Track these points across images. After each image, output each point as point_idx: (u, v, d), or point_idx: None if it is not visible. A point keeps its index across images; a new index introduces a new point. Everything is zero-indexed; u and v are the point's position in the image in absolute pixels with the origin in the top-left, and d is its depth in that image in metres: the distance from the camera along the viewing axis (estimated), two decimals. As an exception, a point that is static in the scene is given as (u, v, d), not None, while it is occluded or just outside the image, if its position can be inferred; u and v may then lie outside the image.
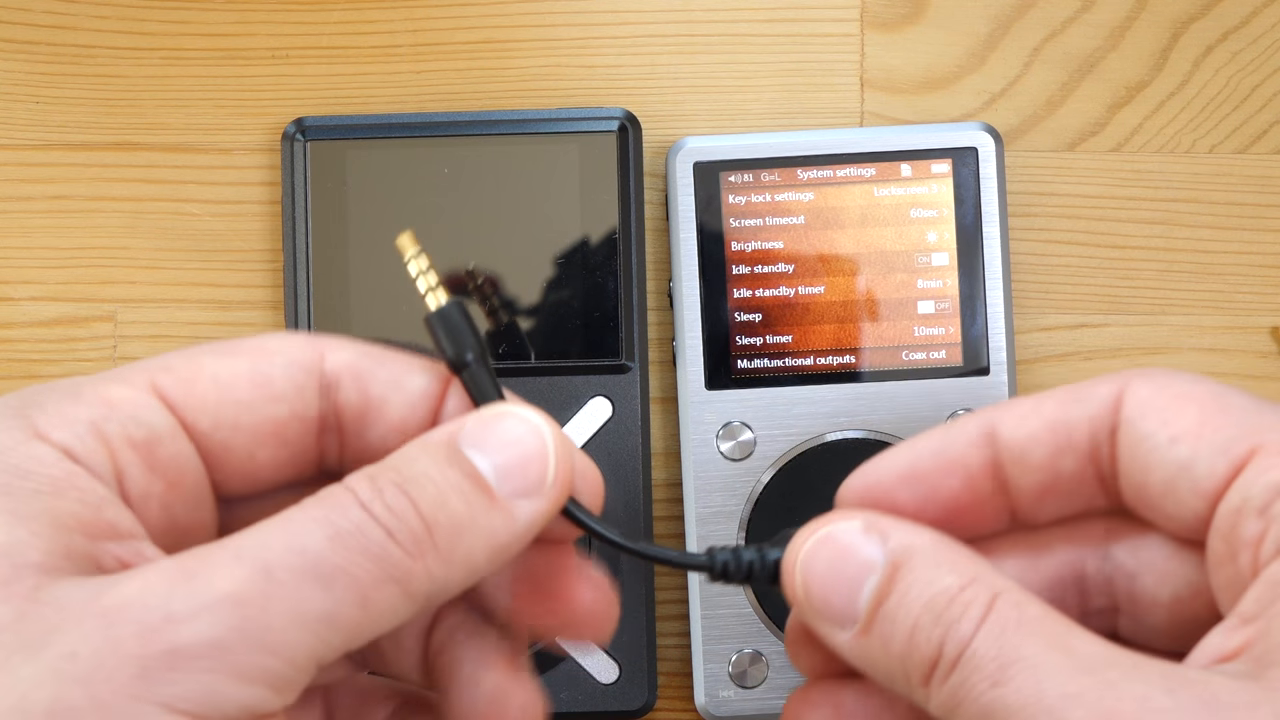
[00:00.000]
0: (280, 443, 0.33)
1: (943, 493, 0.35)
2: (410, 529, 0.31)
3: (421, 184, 0.57)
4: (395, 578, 0.31)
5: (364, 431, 0.34)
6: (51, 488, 0.30)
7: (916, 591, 0.32)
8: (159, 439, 0.32)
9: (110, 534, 0.31)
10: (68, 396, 0.32)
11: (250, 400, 0.33)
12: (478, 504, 0.32)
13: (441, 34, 0.59)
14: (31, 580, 0.29)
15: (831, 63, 0.59)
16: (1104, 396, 0.34)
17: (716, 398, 0.56)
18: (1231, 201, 0.58)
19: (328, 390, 0.34)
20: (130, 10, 0.58)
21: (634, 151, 0.57)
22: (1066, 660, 0.30)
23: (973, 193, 0.56)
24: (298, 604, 0.29)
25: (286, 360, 0.33)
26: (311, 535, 0.30)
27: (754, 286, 0.56)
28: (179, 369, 0.33)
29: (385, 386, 0.34)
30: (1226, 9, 0.58)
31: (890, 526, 0.33)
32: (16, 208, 0.58)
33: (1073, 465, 0.34)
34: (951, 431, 0.35)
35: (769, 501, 0.56)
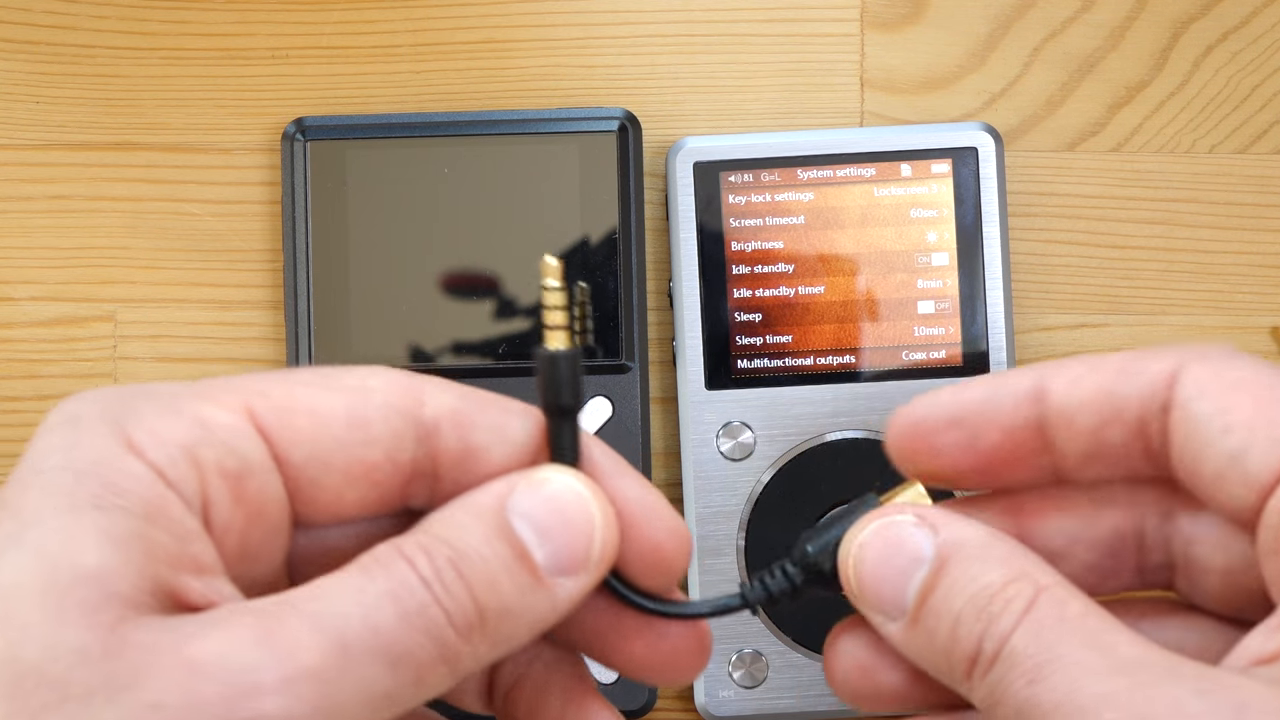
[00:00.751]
0: (370, 485, 0.33)
1: (984, 443, 0.34)
2: (465, 613, 0.31)
3: (421, 184, 0.57)
4: (447, 659, 0.31)
5: (460, 478, 0.33)
6: (144, 511, 0.30)
7: (961, 586, 0.32)
8: (250, 471, 0.32)
9: (193, 568, 0.30)
10: (165, 411, 0.31)
11: (346, 440, 0.32)
12: (525, 585, 0.32)
13: (441, 34, 0.59)
14: (117, 612, 0.29)
15: (831, 63, 0.59)
16: (1158, 373, 0.33)
17: (716, 398, 0.56)
18: (1231, 201, 0.58)
19: (426, 438, 0.33)
20: (130, 10, 0.58)
21: (634, 151, 0.57)
22: (1102, 660, 0.30)
23: (973, 193, 0.56)
24: (367, 684, 0.30)
25: (384, 403, 0.33)
26: (384, 613, 0.30)
27: (754, 286, 0.56)
28: (276, 396, 0.32)
29: (488, 434, 0.33)
30: (1226, 9, 0.58)
31: (942, 520, 0.33)
32: (16, 208, 0.58)
33: (1119, 436, 0.34)
34: (1002, 383, 0.35)
35: (769, 501, 0.56)
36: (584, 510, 0.33)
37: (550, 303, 0.34)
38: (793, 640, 0.55)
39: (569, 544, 0.32)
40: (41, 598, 0.29)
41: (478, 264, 0.56)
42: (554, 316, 0.34)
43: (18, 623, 0.29)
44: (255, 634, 0.29)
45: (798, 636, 0.55)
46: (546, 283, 0.34)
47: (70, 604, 0.29)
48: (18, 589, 0.29)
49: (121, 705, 0.28)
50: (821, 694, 0.55)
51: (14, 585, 0.29)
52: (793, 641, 0.55)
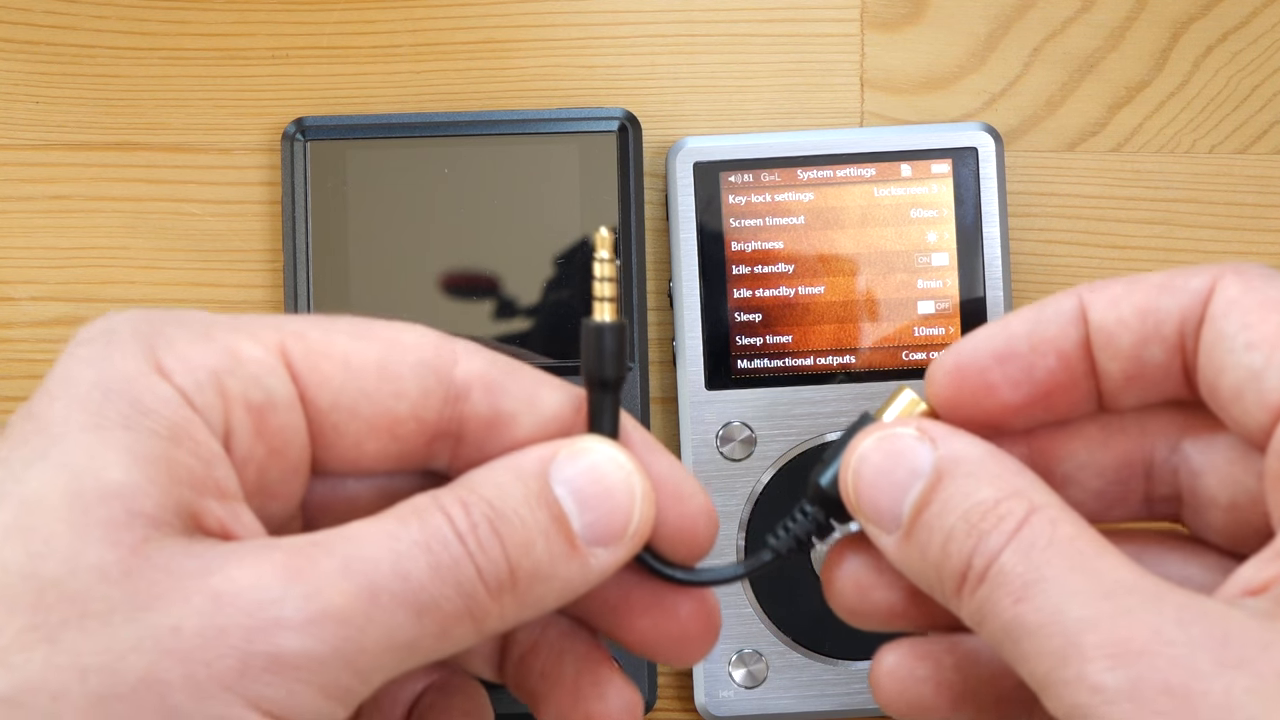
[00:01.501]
0: (392, 438, 0.33)
1: (1038, 372, 0.34)
2: (497, 572, 0.31)
3: (421, 184, 0.57)
4: (474, 615, 0.31)
5: (485, 444, 0.33)
6: (170, 433, 0.30)
7: (955, 502, 0.32)
8: (275, 406, 0.32)
9: (216, 492, 0.30)
10: (196, 338, 0.31)
11: (374, 391, 0.32)
12: (559, 552, 0.32)
13: (441, 34, 0.59)
14: (141, 531, 0.29)
15: (831, 63, 0.59)
16: (1196, 289, 0.33)
17: (716, 398, 0.56)
18: (1231, 201, 0.58)
19: (455, 400, 0.33)
20: (130, 10, 0.58)
21: (634, 151, 0.57)
22: (1088, 583, 0.30)
23: (973, 193, 0.56)
24: (392, 631, 0.30)
25: (418, 358, 0.33)
26: (416, 562, 0.30)
27: (754, 286, 0.56)
28: (311, 339, 0.32)
29: (518, 403, 0.33)
30: (1226, 9, 0.58)
31: (942, 435, 0.33)
32: (17, 208, 0.58)
33: (1160, 355, 0.33)
34: (1045, 310, 0.34)
35: (769, 501, 0.56)
36: (625, 483, 0.33)
37: (600, 274, 0.33)
38: (793, 640, 0.55)
39: (608, 515, 0.32)
40: (66, 512, 0.29)
41: (478, 264, 0.56)
42: (603, 288, 0.34)
43: (41, 536, 0.29)
44: (283, 570, 0.29)
45: (798, 636, 0.55)
46: (599, 254, 0.34)
47: (94, 520, 0.29)
48: (41, 502, 0.29)
49: (140, 625, 0.28)
50: (821, 694, 0.55)
51: (38, 499, 0.29)
52: (793, 641, 0.55)
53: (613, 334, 0.33)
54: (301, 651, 0.29)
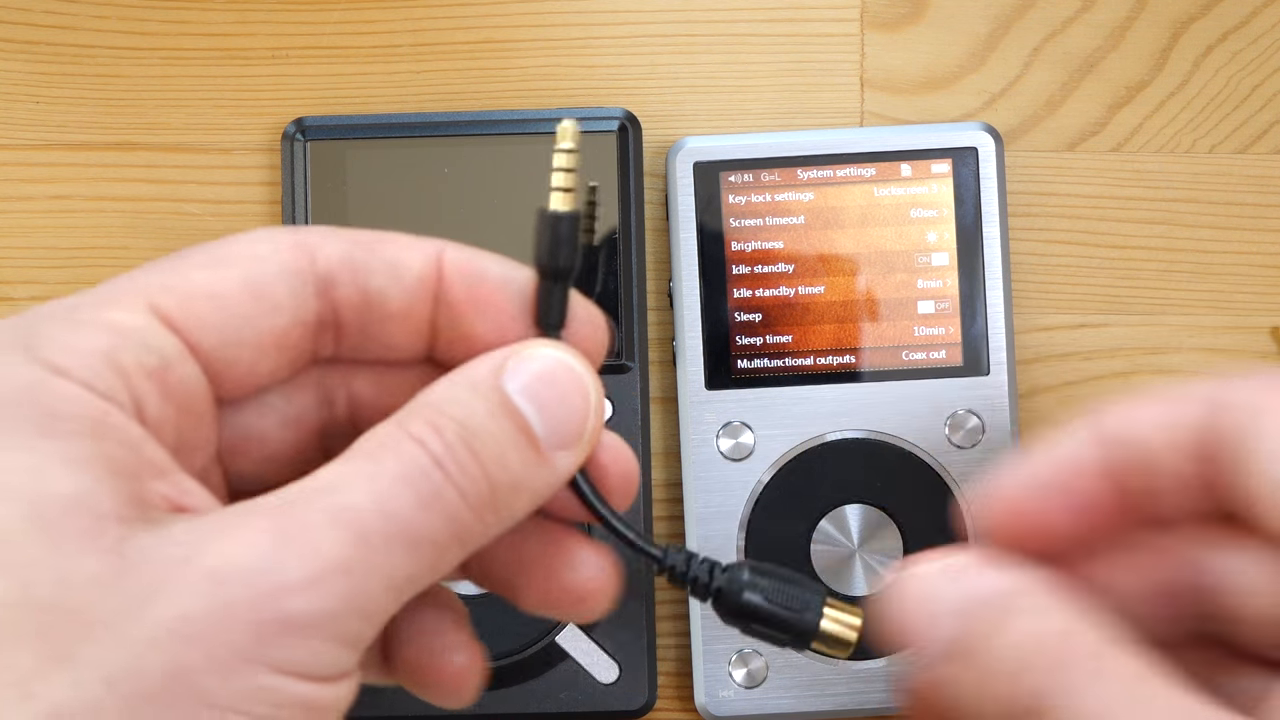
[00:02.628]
0: (281, 349, 0.33)
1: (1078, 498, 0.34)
2: (478, 491, 0.31)
3: (421, 184, 0.57)
4: (460, 538, 0.31)
5: (364, 326, 0.33)
6: (91, 430, 0.29)
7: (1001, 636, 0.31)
8: (169, 364, 0.31)
9: (152, 473, 0.30)
10: (68, 325, 0.31)
11: (250, 314, 0.32)
12: (529, 459, 0.32)
13: (441, 34, 0.59)
14: (113, 532, 0.28)
15: (831, 63, 0.59)
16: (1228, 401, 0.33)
17: (716, 398, 0.56)
18: (1231, 201, 0.58)
19: (324, 290, 0.33)
20: (130, 10, 0.58)
21: (634, 151, 0.57)
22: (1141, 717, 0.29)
23: (973, 193, 0.56)
24: (391, 570, 0.30)
25: (280, 267, 0.32)
26: (400, 499, 0.30)
27: (754, 286, 0.56)
28: (175, 287, 0.32)
29: (382, 275, 0.33)
30: (1226, 9, 0.58)
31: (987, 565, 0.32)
32: (17, 207, 0.58)
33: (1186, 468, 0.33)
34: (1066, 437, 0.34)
35: (769, 501, 0.56)
36: (578, 383, 0.33)
37: (559, 164, 0.34)
38: (793, 640, 0.55)
39: (566, 417, 0.32)
40: (35, 534, 0.28)
41: (505, 246, 0.57)
42: (560, 178, 0.34)
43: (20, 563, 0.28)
44: (271, 536, 0.29)
45: (798, 636, 0.55)
46: (560, 144, 0.34)
47: (65, 535, 0.28)
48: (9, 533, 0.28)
49: (149, 620, 0.28)
50: (821, 694, 0.55)
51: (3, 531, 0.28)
52: (793, 641, 0.55)
53: (567, 223, 0.34)
54: (310, 610, 0.29)
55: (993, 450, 0.55)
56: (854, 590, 0.55)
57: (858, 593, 0.55)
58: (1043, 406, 0.58)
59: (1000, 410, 0.56)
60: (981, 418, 0.56)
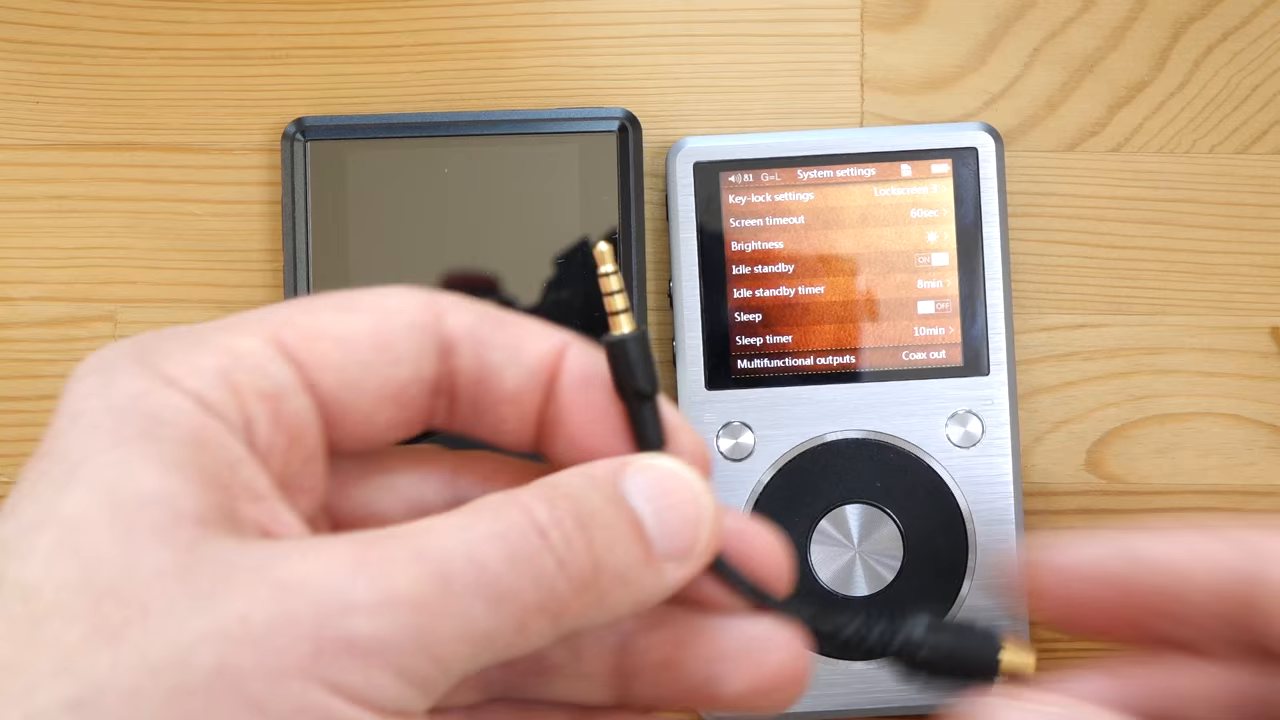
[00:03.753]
0: (398, 405, 0.33)
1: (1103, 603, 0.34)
2: (580, 567, 0.30)
3: (421, 184, 0.57)
4: (552, 610, 0.30)
5: (477, 399, 0.33)
6: (191, 438, 0.29)
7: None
8: (284, 393, 0.31)
9: (247, 494, 0.30)
10: (191, 345, 0.31)
11: (372, 362, 0.32)
12: (636, 557, 0.31)
13: (441, 34, 0.59)
14: (190, 531, 0.28)
15: (831, 63, 0.59)
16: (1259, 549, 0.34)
17: (716, 398, 0.56)
18: (1231, 201, 0.58)
19: (445, 354, 0.33)
20: (130, 10, 0.58)
21: (634, 151, 0.57)
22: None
23: (973, 193, 0.56)
24: (467, 620, 0.29)
25: (408, 321, 0.33)
26: (491, 552, 0.29)
27: (754, 286, 0.56)
28: (301, 324, 0.32)
29: (503, 353, 0.33)
30: (1226, 9, 0.58)
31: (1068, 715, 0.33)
32: (17, 208, 0.58)
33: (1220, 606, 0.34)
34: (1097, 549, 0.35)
35: (769, 501, 0.56)
36: (693, 496, 0.32)
37: (608, 289, 0.33)
38: (793, 640, 0.55)
39: (679, 526, 0.32)
40: (110, 524, 0.28)
41: (478, 264, 0.56)
42: (614, 302, 0.33)
43: (89, 551, 0.28)
44: (350, 558, 0.29)
45: (798, 636, 0.55)
46: (602, 269, 0.33)
47: (140, 526, 0.28)
48: (82, 519, 0.28)
49: (207, 617, 0.28)
50: (822, 694, 0.55)
51: (78, 517, 0.28)
52: (793, 641, 0.55)
53: (636, 344, 0.33)
54: (375, 635, 0.28)
55: (993, 450, 0.55)
56: (854, 591, 0.55)
57: (858, 593, 0.55)
58: (1043, 406, 0.58)
59: (1000, 410, 0.56)
60: (981, 418, 0.56)
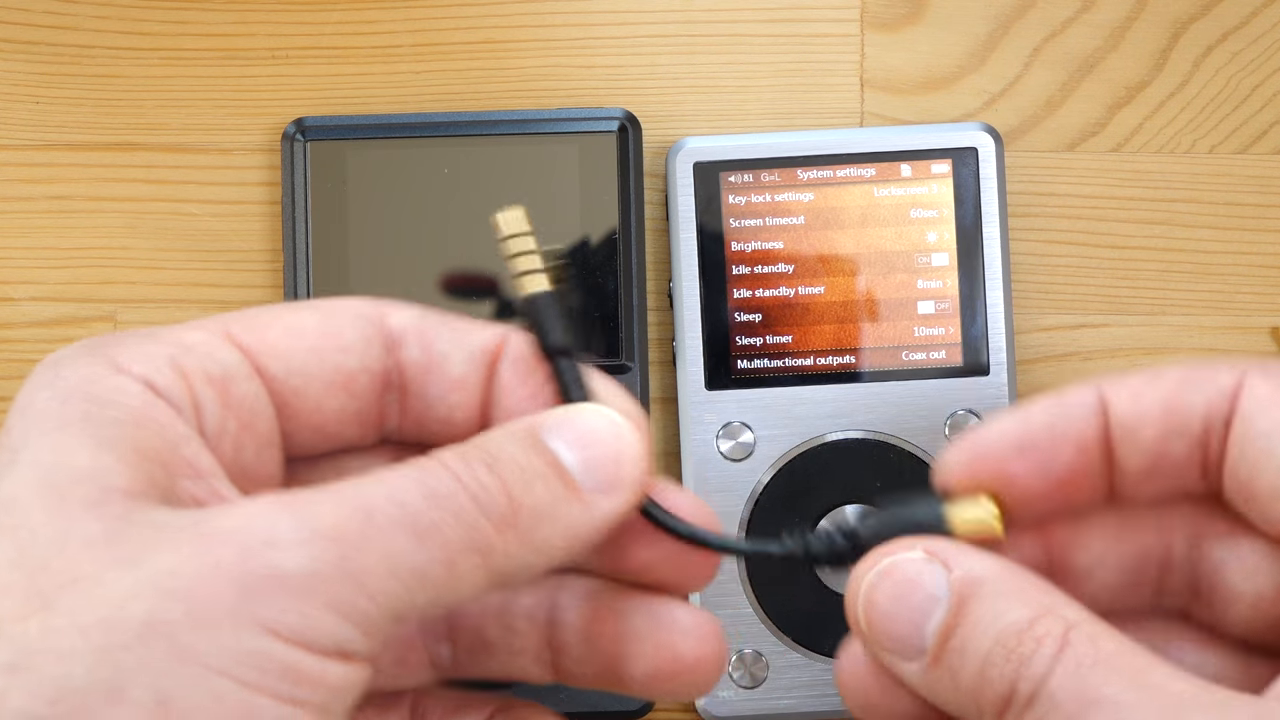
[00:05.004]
0: (348, 394, 0.34)
1: (1056, 465, 0.34)
2: (497, 504, 0.31)
3: (421, 184, 0.57)
4: (479, 548, 0.31)
5: (425, 389, 0.34)
6: (132, 418, 0.30)
7: (985, 625, 0.31)
8: (233, 377, 0.32)
9: (188, 471, 0.31)
10: (144, 338, 0.32)
11: (320, 348, 0.33)
12: (559, 493, 0.32)
13: (441, 34, 0.59)
14: (120, 503, 0.29)
15: (831, 63, 0.59)
16: (1223, 386, 0.33)
17: (716, 398, 0.56)
18: (1231, 201, 0.58)
19: (392, 346, 0.34)
20: (130, 10, 0.58)
21: (634, 151, 0.57)
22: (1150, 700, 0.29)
23: (973, 193, 0.56)
24: (392, 552, 0.30)
25: (354, 315, 0.34)
26: (409, 491, 0.30)
27: (754, 286, 0.56)
28: (249, 319, 0.33)
29: (447, 344, 0.34)
30: (1226, 9, 0.58)
31: (954, 555, 0.33)
32: (17, 208, 0.58)
33: (1182, 449, 0.33)
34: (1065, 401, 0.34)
35: (769, 501, 0.56)
36: (615, 430, 0.33)
37: (508, 253, 0.35)
38: (793, 640, 0.55)
39: (601, 460, 0.33)
40: (41, 502, 0.29)
41: (478, 264, 0.56)
42: (517, 264, 0.35)
43: (23, 529, 0.29)
44: (273, 507, 0.29)
45: (798, 636, 0.55)
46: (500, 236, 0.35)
47: (71, 502, 0.29)
48: (16, 501, 0.29)
49: (135, 575, 0.28)
50: (822, 694, 0.55)
51: (12, 498, 0.29)
52: (793, 641, 0.55)
53: (546, 301, 0.35)
54: (299, 569, 0.29)
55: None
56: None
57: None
58: (1043, 406, 0.58)
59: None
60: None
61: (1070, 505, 0.34)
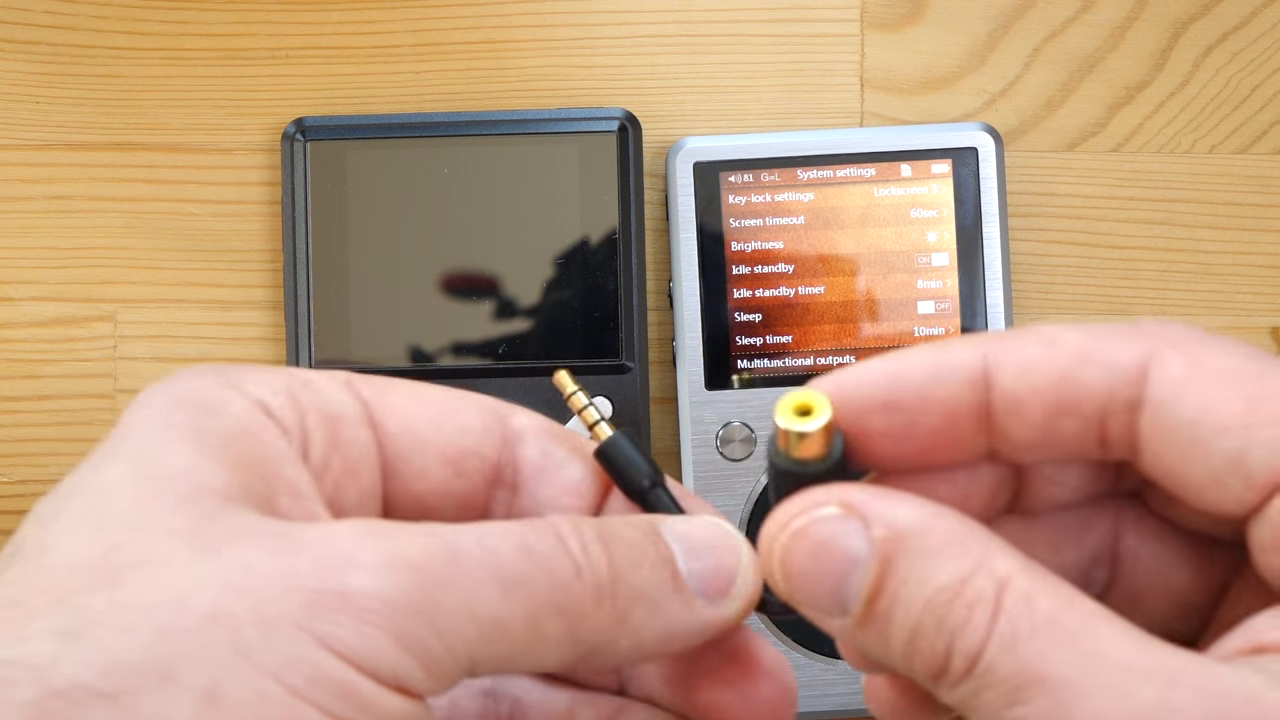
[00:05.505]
0: (457, 472, 0.33)
1: (920, 429, 0.32)
2: (596, 574, 0.30)
3: (421, 184, 0.57)
4: (568, 612, 0.30)
5: (538, 490, 0.34)
6: (239, 429, 0.30)
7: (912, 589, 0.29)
8: (346, 419, 0.32)
9: (287, 489, 0.30)
10: (267, 369, 0.32)
11: (438, 419, 0.33)
12: (666, 582, 0.31)
13: (441, 34, 0.59)
14: (211, 503, 0.29)
15: (831, 63, 0.59)
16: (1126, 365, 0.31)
17: (716, 398, 0.56)
18: (1231, 201, 0.58)
19: (511, 441, 0.34)
20: (130, 10, 0.58)
21: (634, 151, 0.57)
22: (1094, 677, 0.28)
23: (973, 193, 0.56)
24: (473, 596, 0.29)
25: (479, 403, 0.34)
26: (505, 540, 0.30)
27: (754, 286, 0.56)
28: (375, 379, 0.34)
29: (568, 448, 0.34)
30: (1226, 9, 0.58)
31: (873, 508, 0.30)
32: (17, 208, 0.58)
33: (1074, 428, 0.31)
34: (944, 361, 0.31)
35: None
36: (729, 542, 0.33)
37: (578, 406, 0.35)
38: (793, 640, 0.55)
39: (714, 567, 0.32)
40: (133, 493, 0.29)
41: (478, 264, 0.56)
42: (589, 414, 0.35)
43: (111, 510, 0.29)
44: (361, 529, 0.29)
45: (798, 637, 0.55)
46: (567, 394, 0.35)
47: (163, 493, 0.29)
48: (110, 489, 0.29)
49: (209, 566, 0.28)
50: (822, 694, 0.55)
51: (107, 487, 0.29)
52: (793, 641, 0.55)
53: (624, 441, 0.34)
54: (372, 592, 0.28)
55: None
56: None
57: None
58: (1043, 406, 0.58)
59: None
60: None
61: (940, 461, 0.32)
